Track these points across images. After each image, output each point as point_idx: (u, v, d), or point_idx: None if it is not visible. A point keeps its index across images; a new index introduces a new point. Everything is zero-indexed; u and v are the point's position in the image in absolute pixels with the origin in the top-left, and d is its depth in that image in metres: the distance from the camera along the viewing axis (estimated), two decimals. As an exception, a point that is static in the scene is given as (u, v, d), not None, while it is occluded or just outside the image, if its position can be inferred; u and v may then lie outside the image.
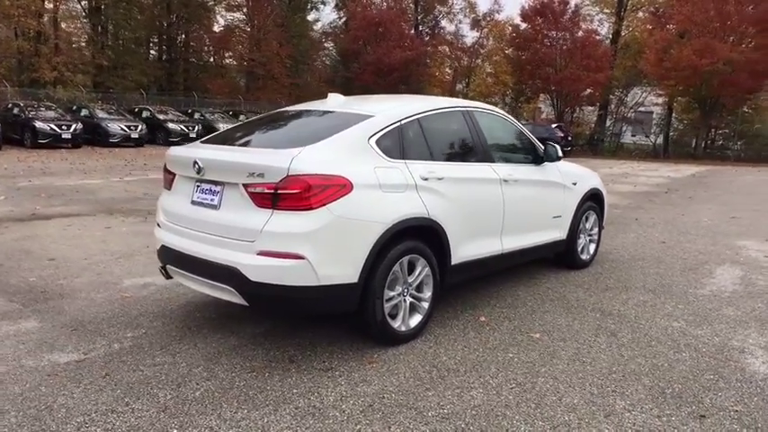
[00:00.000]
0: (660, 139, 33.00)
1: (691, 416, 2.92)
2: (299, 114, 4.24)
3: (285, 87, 39.08)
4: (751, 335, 4.06)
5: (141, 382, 3.14)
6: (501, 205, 4.44)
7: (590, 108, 37.87)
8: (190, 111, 28.58)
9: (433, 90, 42.48)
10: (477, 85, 41.25)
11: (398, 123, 3.82)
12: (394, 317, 3.67)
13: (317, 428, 2.72)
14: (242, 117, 29.81)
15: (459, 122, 4.39)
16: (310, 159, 3.26)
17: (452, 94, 45.31)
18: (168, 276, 3.94)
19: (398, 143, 3.78)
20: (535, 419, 2.84)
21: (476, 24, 42.75)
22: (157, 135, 24.11)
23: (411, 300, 3.77)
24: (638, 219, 9.12)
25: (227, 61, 43.99)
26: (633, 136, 35.91)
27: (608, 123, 36.62)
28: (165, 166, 4.02)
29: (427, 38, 42.32)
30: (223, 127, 26.08)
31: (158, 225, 3.99)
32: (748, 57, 25.32)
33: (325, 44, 45.00)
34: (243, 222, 3.29)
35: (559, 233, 5.31)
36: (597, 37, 32.97)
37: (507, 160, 4.73)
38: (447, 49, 43.35)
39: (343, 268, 3.31)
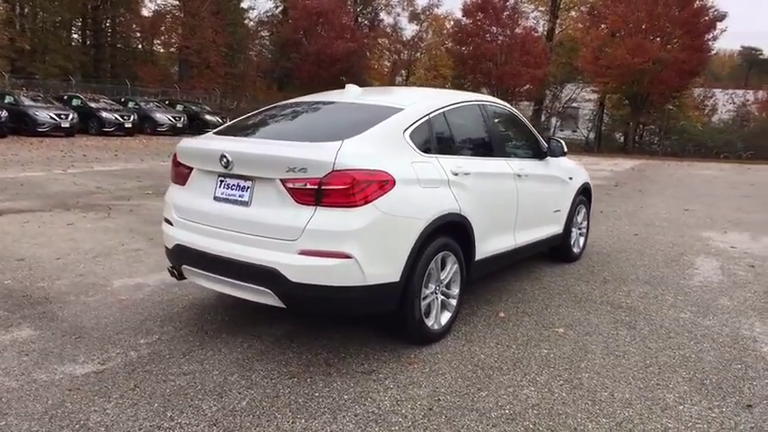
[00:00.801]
0: (592, 134, 34.41)
1: (738, 406, 3.00)
2: (321, 105, 4.04)
3: (221, 77, 37.90)
4: (755, 324, 4.25)
5: (177, 393, 2.90)
6: (516, 200, 4.43)
7: (525, 103, 38.98)
8: (123, 99, 27.12)
9: (373, 83, 42.43)
10: (417, 78, 41.48)
11: (427, 117, 3.71)
12: (427, 315, 3.57)
13: (386, 436, 2.59)
14: (179, 107, 28.67)
15: (477, 116, 4.33)
16: (353, 153, 3.10)
17: (391, 86, 45.46)
18: (180, 277, 3.67)
19: (428, 137, 3.68)
20: (598, 417, 2.83)
21: (414, 17, 43.00)
22: (90, 124, 22.70)
23: (442, 297, 3.69)
24: (603, 212, 9.43)
25: (159, 48, 42.17)
26: (561, 131, 37.24)
27: (542, 119, 37.84)
28: (175, 158, 3.74)
29: (366, 30, 42.15)
30: (163, 117, 25.13)
31: (168, 222, 3.70)
32: (676, 56, 26.78)
33: (262, 33, 43.95)
34: (281, 220, 3.09)
35: (557, 227, 5.38)
36: (536, 34, 33.86)
37: (517, 155, 4.73)
38: (386, 42, 43.35)
39: (388, 267, 3.19)
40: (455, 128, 3.99)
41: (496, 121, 4.52)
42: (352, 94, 4.08)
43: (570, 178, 5.51)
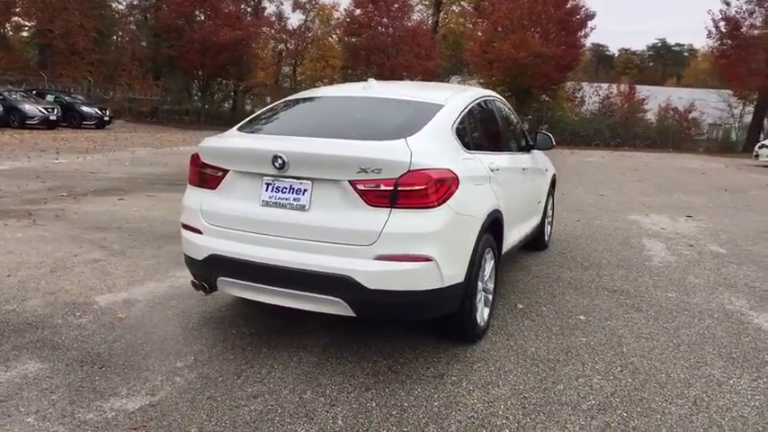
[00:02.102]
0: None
1: (771, 375, 3.32)
2: (355, 100, 3.82)
3: (91, 64, 34.83)
4: (731, 299, 4.70)
5: (260, 419, 2.64)
6: (524, 194, 4.54)
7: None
8: (-26, 90, 23.95)
9: (259, 73, 41.24)
10: (306, 68, 40.93)
11: (463, 113, 3.67)
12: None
13: (503, 440, 2.55)
14: (49, 97, 25.90)
15: (492, 111, 4.36)
16: (424, 152, 2.99)
17: (278, 77, 44.48)
18: (210, 290, 3.34)
19: (467, 133, 3.64)
20: (672, 398, 2.98)
21: (298, 6, 42.27)
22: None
23: (483, 293, 3.69)
24: (534, 199, 9.93)
25: (9, 32, 37.69)
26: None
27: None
28: (196, 160, 3.38)
29: (249, 18, 40.74)
30: (33, 109, 22.44)
31: (191, 230, 3.34)
32: (554, 51, 28.85)
33: (133, 18, 40.77)
34: (351, 224, 2.91)
35: (538, 217, 5.58)
36: (426, 27, 34.76)
37: (517, 149, 4.83)
38: (272, 31, 42.23)
39: (458, 267, 3.12)
40: (482, 123, 3.99)
41: (502, 114, 4.58)
42: (378, 89, 3.91)
43: (546, 170, 5.74)
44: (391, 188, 2.87)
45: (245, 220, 3.15)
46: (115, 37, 40.25)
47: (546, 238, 6.15)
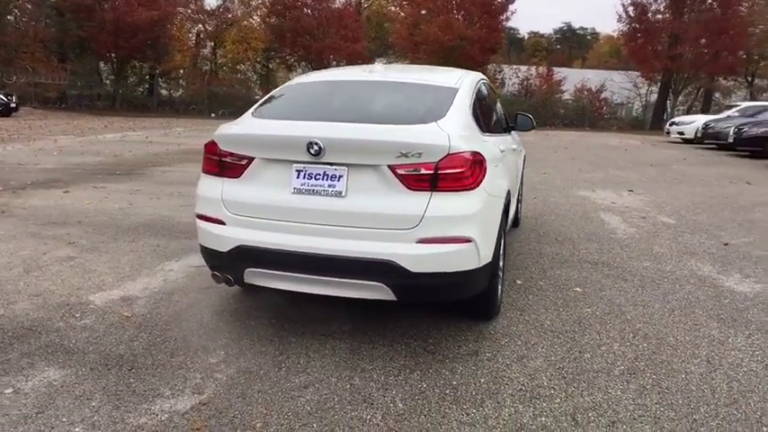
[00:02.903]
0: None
1: (759, 331, 3.65)
2: (368, 84, 3.76)
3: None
4: (698, 265, 5.10)
5: (321, 408, 2.61)
6: (515, 174, 4.68)
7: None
8: None
9: (177, 55, 39.45)
10: (228, 51, 39.48)
11: (473, 96, 3.74)
12: (494, 290, 3.66)
13: (563, 408, 2.67)
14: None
15: (486, 94, 4.44)
16: (458, 135, 3.03)
17: (196, 60, 42.72)
18: (235, 283, 3.25)
19: (479, 117, 3.71)
20: (689, 359, 3.21)
21: (216, -15, 40.63)
22: None
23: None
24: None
25: None
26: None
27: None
28: (213, 148, 3.25)
29: (163, -3, 38.70)
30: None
31: (212, 221, 3.22)
32: (478, 34, 29.52)
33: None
34: (391, 209, 2.91)
35: (519, 197, 5.78)
36: (351, 9, 34.46)
37: (504, 130, 4.96)
38: (189, 11, 40.38)
39: (490, 247, 3.20)
40: (484, 106, 4.07)
41: (493, 97, 4.69)
42: (384, 72, 3.88)
43: (521, 150, 5.93)
44: (431, 172, 2.89)
45: (274, 208, 3.07)
46: (11, 17, 37.02)
47: (519, 216, 6.38)
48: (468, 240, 2.96)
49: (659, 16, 32.78)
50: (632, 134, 29.40)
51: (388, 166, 2.91)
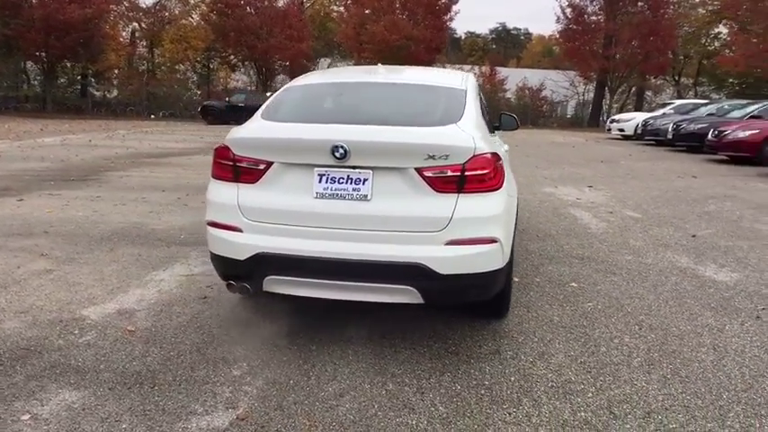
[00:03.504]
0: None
1: (750, 318, 3.85)
2: (376, 86, 3.71)
3: None
4: (675, 257, 5.34)
5: (364, 417, 2.57)
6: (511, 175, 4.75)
7: (281, 77, 39.16)
8: None
9: (111, 55, 37.82)
10: (167, 50, 38.10)
11: (479, 97, 3.77)
12: (503, 290, 3.70)
13: (598, 403, 2.73)
14: None
15: (481, 95, 4.48)
16: (478, 137, 3.05)
17: (132, 58, 41.13)
18: (253, 292, 3.15)
19: (485, 117, 3.74)
20: (698, 347, 3.36)
21: (150, -17, 39.18)
22: None
23: (505, 270, 3.85)
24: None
25: None
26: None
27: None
28: (225, 152, 3.14)
29: (94, -6, 36.98)
30: None
31: (227, 229, 3.11)
32: (423, 34, 29.82)
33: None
34: (419, 211, 2.90)
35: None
36: (296, 8, 34.06)
37: (492, 130, 5.02)
38: (123, 9, 38.75)
39: (509, 246, 3.23)
40: (484, 106, 4.11)
41: (483, 96, 4.73)
42: (387, 73, 3.85)
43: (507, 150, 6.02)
44: (458, 174, 2.90)
45: (295, 213, 3.00)
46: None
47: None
48: (494, 241, 2.98)
49: (594, 18, 34.08)
50: (573, 131, 30.44)
51: (415, 169, 2.89)
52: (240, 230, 3.07)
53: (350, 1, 32.83)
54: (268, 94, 29.33)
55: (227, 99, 28.37)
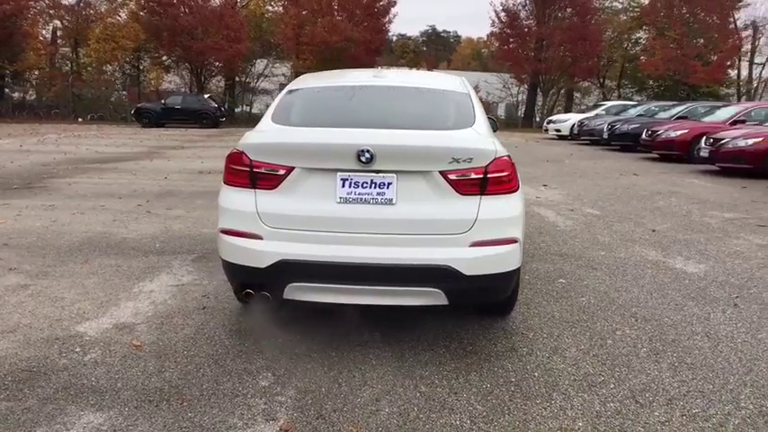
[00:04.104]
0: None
1: (729, 306, 4.13)
2: (392, 90, 3.72)
3: None
4: (644, 251, 5.64)
5: (407, 421, 2.58)
6: None
7: (215, 79, 38.18)
8: None
9: (30, 54, 35.68)
10: (93, 50, 36.26)
11: (479, 101, 3.85)
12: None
13: (622, 393, 2.86)
14: None
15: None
16: (495, 140, 3.13)
17: (53, 58, 38.99)
18: (273, 300, 3.09)
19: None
20: (693, 335, 3.57)
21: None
22: None
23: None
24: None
25: None
26: (247, 106, 37.99)
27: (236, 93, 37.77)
28: (240, 158, 3.06)
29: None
30: None
31: (246, 236, 3.03)
32: (364, 36, 29.91)
33: None
34: (444, 214, 2.94)
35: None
36: (233, 8, 33.28)
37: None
38: (44, 5, 36.62)
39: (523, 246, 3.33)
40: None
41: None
42: (392, 76, 3.86)
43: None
44: (481, 176, 2.96)
45: (318, 219, 2.97)
46: None
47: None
48: (515, 241, 3.06)
49: (527, 22, 35.31)
50: (511, 132, 31.37)
51: (440, 172, 2.93)
52: (260, 238, 3.00)
53: (287, 1, 32.43)
54: (207, 96, 28.62)
55: (162, 101, 27.41)
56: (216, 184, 9.32)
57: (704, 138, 12.95)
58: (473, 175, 2.95)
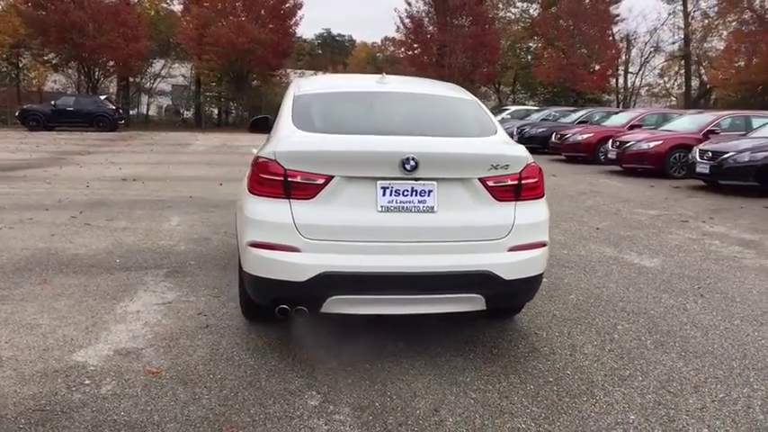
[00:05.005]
0: (188, 112, 34.57)
1: (696, 296, 4.49)
2: (410, 97, 3.70)
3: None
4: (601, 248, 6.02)
5: (478, 429, 2.59)
6: None
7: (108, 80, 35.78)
8: None
9: None
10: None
11: (485, 107, 3.93)
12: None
13: (652, 384, 3.03)
14: None
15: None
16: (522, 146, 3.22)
17: None
18: (310, 314, 2.98)
19: None
20: (681, 326, 3.85)
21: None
22: None
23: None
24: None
25: None
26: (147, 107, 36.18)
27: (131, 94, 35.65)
28: (275, 168, 2.91)
29: None
30: None
31: (282, 249, 2.88)
32: (271, 38, 29.30)
33: None
34: (483, 220, 2.98)
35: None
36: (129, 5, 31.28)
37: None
38: None
39: (542, 249, 3.43)
40: None
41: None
42: (396, 84, 3.83)
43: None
44: (516, 182, 3.03)
45: (359, 229, 2.89)
46: None
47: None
48: (545, 244, 3.16)
49: (430, 29, 36.30)
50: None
51: (479, 179, 2.96)
52: (298, 250, 2.87)
53: (188, 0, 31.07)
54: (103, 97, 26.66)
55: (52, 103, 25.20)
56: (149, 193, 8.86)
57: (611, 141, 14.03)
58: (509, 182, 3.01)
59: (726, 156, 10.07)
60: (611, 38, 39.13)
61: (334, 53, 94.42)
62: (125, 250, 5.37)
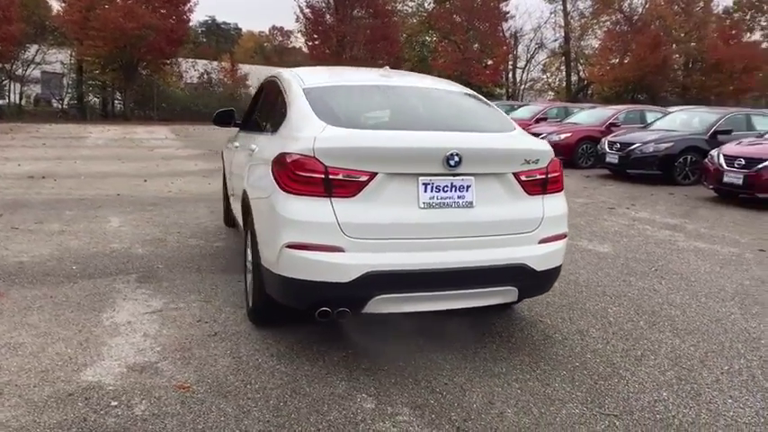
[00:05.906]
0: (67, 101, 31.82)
1: (656, 278, 4.90)
2: (425, 92, 3.66)
3: None
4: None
5: (540, 425, 2.65)
6: None
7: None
8: None
9: None
10: None
11: (487, 102, 3.99)
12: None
13: (669, 365, 3.26)
14: None
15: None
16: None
17: None
18: (352, 315, 2.90)
19: None
20: (671, 307, 4.19)
21: None
22: None
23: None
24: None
25: None
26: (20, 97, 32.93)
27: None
28: (314, 165, 2.78)
29: None
30: None
31: (325, 250, 2.77)
32: (165, 24, 27.63)
33: None
34: (517, 214, 3.06)
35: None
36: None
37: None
38: None
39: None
40: None
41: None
42: (397, 77, 3.78)
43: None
44: (543, 176, 3.13)
45: (402, 226, 2.85)
46: None
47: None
48: (566, 236, 3.30)
49: (330, 21, 36.03)
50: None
51: (513, 174, 3.02)
52: (342, 250, 2.77)
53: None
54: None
55: None
56: (68, 191, 8.11)
57: (523, 133, 14.75)
58: (538, 176, 3.10)
59: (633, 147, 10.98)
60: (501, 34, 40.99)
61: (219, 42, 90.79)
62: (76, 256, 4.88)
